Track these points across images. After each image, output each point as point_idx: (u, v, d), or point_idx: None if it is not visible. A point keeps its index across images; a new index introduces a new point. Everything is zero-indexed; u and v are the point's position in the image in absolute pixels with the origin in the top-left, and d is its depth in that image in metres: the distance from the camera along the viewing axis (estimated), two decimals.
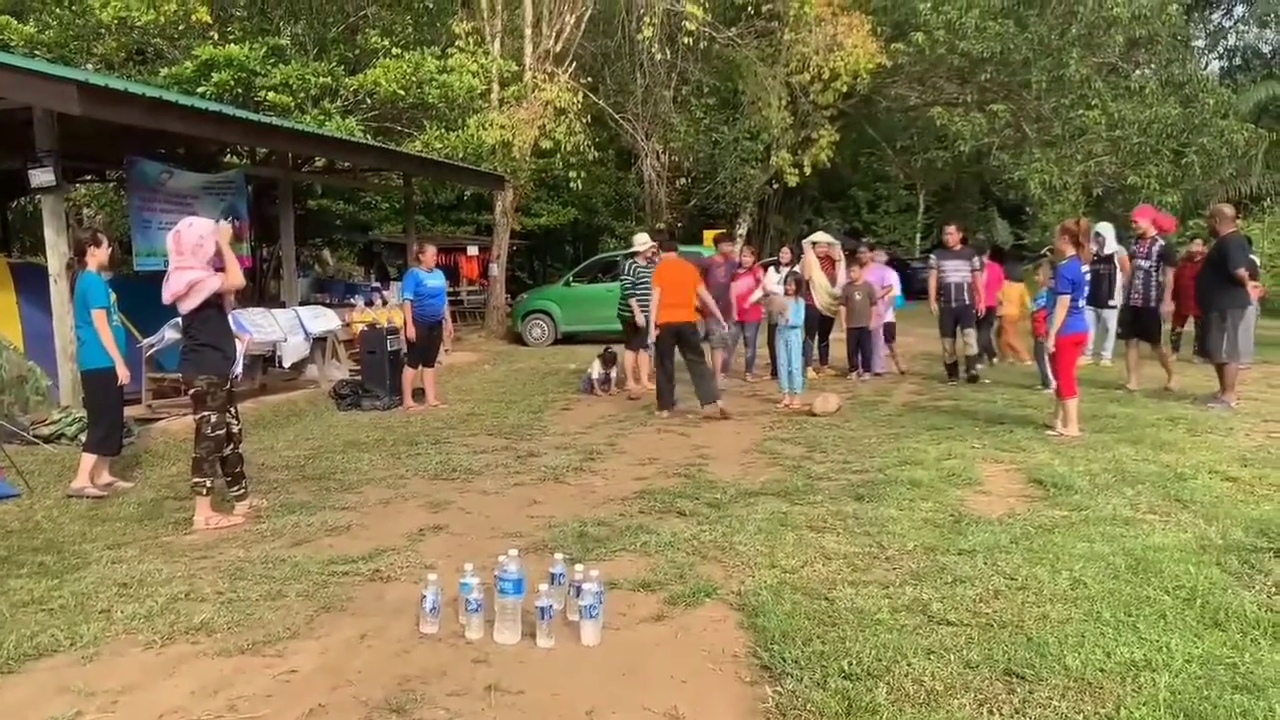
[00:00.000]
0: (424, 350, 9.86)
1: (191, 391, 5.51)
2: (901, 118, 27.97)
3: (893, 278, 12.22)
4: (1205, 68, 30.82)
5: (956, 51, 21.32)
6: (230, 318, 6.49)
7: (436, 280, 9.98)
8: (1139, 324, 9.89)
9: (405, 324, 9.78)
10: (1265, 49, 34.30)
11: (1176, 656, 3.31)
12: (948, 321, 10.65)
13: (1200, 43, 34.67)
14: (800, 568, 4.41)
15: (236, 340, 5.98)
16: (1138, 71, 24.62)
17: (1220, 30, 36.18)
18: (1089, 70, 21.32)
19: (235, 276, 5.57)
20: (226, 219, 11.59)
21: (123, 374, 6.28)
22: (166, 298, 5.42)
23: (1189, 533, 4.78)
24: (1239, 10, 35.25)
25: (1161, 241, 9.87)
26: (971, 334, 10.53)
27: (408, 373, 9.97)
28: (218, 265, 5.46)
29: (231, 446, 5.64)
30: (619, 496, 5.95)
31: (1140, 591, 3.96)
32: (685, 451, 7.40)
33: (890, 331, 11.92)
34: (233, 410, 5.71)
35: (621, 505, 5.71)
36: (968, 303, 10.48)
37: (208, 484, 5.49)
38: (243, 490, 5.70)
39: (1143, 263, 9.79)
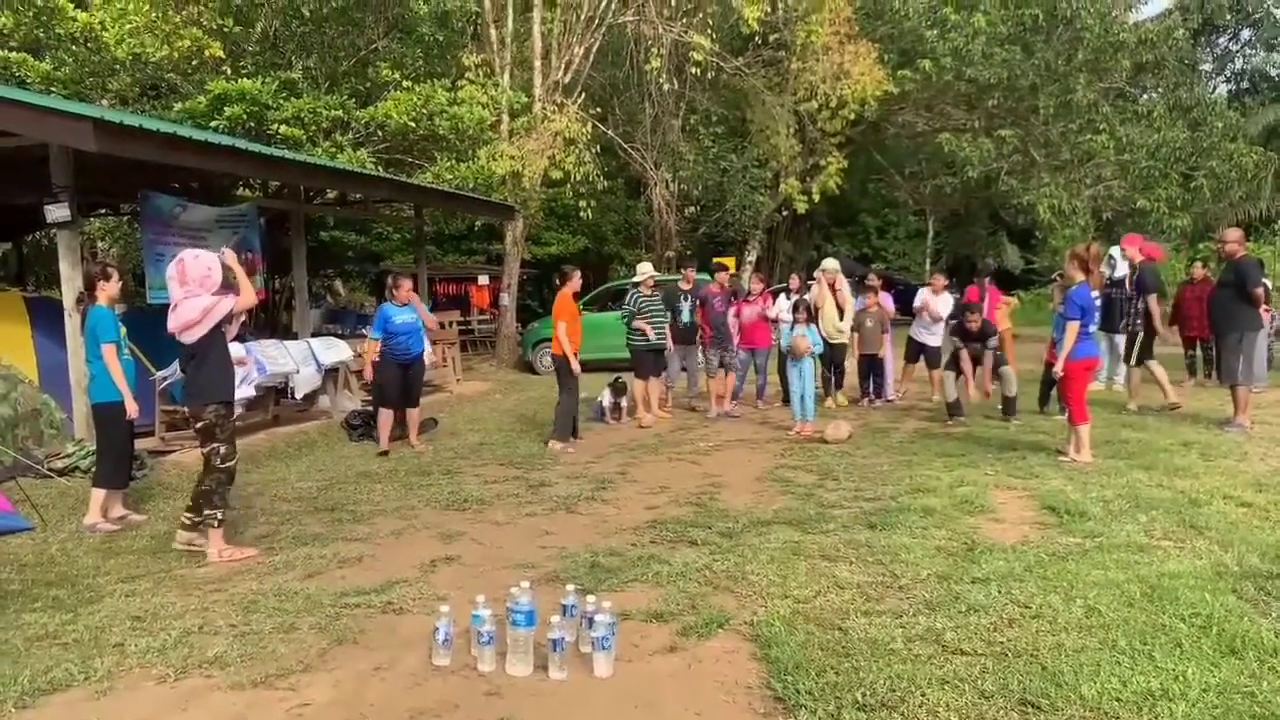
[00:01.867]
0: (395, 390, 9.15)
1: (199, 425, 5.48)
2: (909, 144, 28.07)
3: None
4: (1213, 91, 30.87)
5: (963, 78, 21.43)
6: (248, 349, 6.55)
7: (407, 316, 9.15)
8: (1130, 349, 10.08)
9: (365, 364, 9.43)
10: (1273, 72, 34.39)
11: (1193, 686, 3.29)
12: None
13: (1207, 66, 34.80)
14: (813, 597, 4.40)
15: (237, 364, 5.97)
16: (1145, 96, 24.74)
17: (1227, 54, 36.29)
18: (1096, 95, 21.40)
19: (249, 297, 5.64)
20: (242, 253, 11.75)
21: (131, 408, 6.27)
22: (174, 326, 5.40)
23: (1204, 559, 4.75)
24: (1246, 34, 35.36)
25: (1138, 270, 10.04)
26: (1007, 372, 9.90)
27: (382, 415, 9.13)
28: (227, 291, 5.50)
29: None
30: (631, 526, 5.94)
31: (1156, 619, 3.94)
32: (697, 480, 7.39)
33: (937, 357, 11.80)
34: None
35: (633, 535, 5.71)
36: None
37: (219, 515, 5.49)
38: (194, 521, 5.63)
39: (1124, 290, 9.97)
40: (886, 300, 12.04)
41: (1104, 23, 21.27)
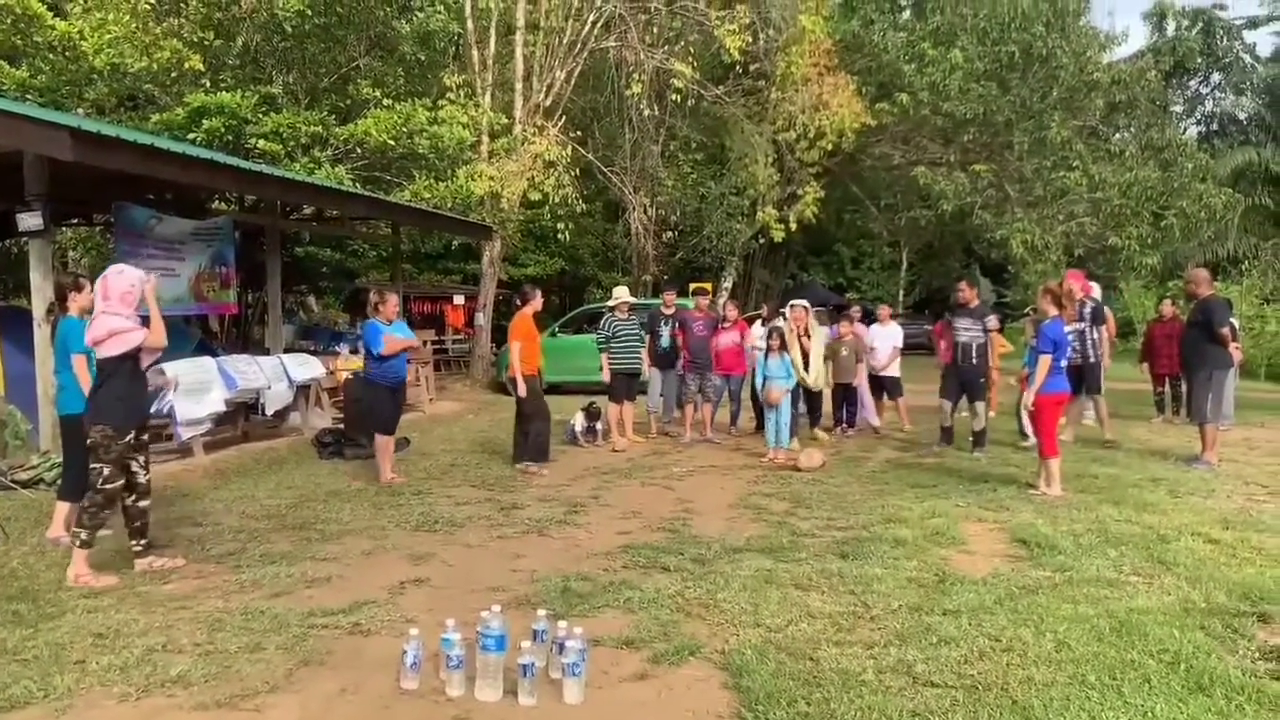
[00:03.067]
0: (390, 415, 8.50)
1: (89, 441, 5.37)
2: (885, 176, 28.37)
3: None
4: (1184, 133, 31.44)
5: (940, 112, 21.72)
6: (218, 363, 6.44)
7: (399, 334, 8.55)
8: (1084, 380, 10.08)
9: (407, 345, 8.54)
10: (1241, 116, 35.06)
11: None
12: (951, 383, 10.17)
13: (1178, 108, 35.45)
14: (785, 626, 4.39)
15: (161, 384, 5.84)
16: (1118, 135, 25.16)
17: (1198, 96, 36.98)
18: (1070, 133, 21.74)
19: (158, 336, 5.46)
20: (215, 266, 11.65)
21: None
22: (88, 340, 5.36)
23: (1172, 595, 4.78)
24: (1216, 78, 36.07)
25: (1091, 303, 10.19)
26: (980, 407, 9.89)
27: (380, 441, 8.44)
28: (143, 315, 5.43)
29: (134, 498, 5.52)
30: (603, 551, 5.91)
31: (1125, 655, 3.96)
32: (670, 505, 7.37)
33: (896, 388, 11.89)
34: (141, 460, 5.56)
35: (605, 560, 5.68)
36: (975, 362, 9.87)
37: (83, 535, 5.28)
38: (143, 546, 5.55)
39: (1077, 324, 9.86)
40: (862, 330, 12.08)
41: (1079, 62, 21.66)
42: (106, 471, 5.32)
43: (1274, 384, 20.31)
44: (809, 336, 10.35)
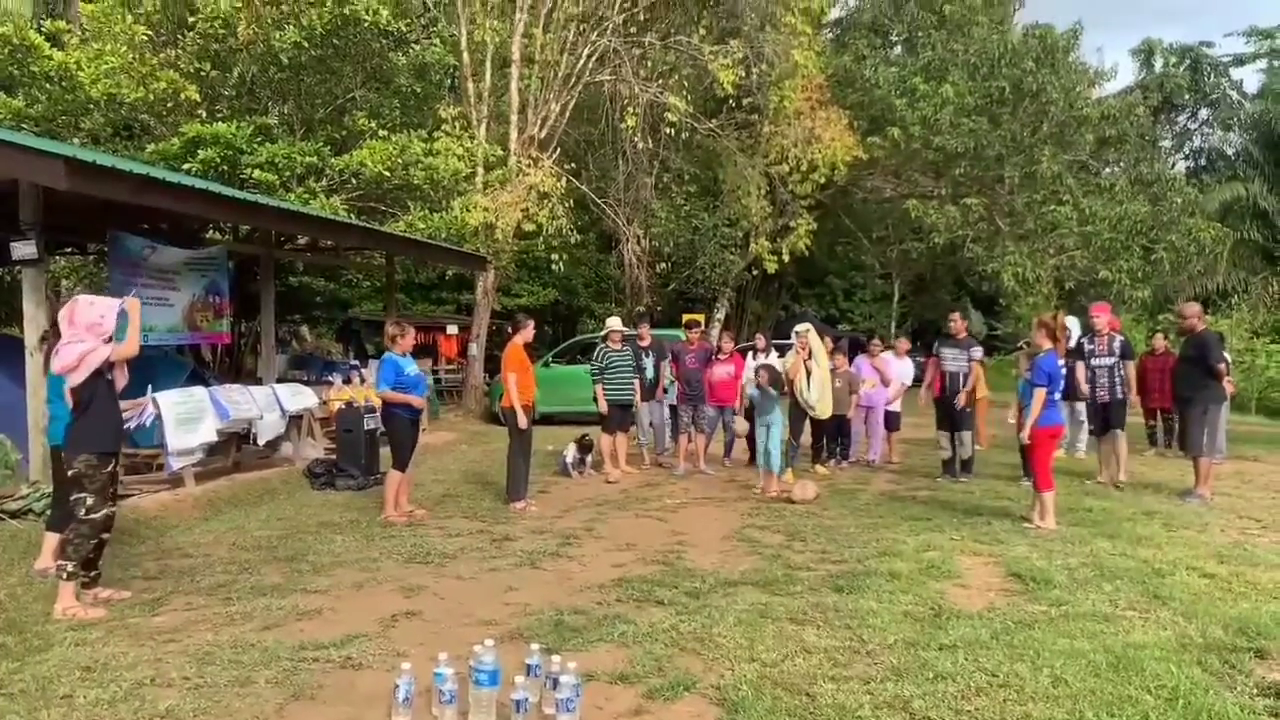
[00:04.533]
0: (410, 450, 8.33)
1: (70, 472, 5.31)
2: (877, 209, 28.54)
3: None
4: (1172, 167, 31.75)
5: (931, 146, 21.88)
6: (211, 393, 6.38)
7: (414, 368, 8.49)
8: (1109, 418, 9.96)
9: (393, 403, 8.24)
10: (1229, 151, 35.40)
11: None
12: (941, 415, 10.35)
13: (1167, 143, 35.80)
14: (781, 661, 4.36)
15: (133, 408, 5.77)
16: (1107, 169, 25.36)
17: (1186, 132, 37.37)
18: (1060, 167, 21.92)
19: (131, 346, 5.43)
20: (209, 296, 11.64)
21: None
22: (56, 368, 5.31)
23: (1169, 630, 4.77)
24: (1203, 113, 36.48)
25: (1121, 337, 10.10)
26: (967, 436, 10.20)
27: (393, 477, 8.23)
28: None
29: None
30: (596, 584, 5.88)
31: (1122, 690, 3.94)
32: (663, 538, 7.34)
33: (895, 422, 11.88)
34: (111, 491, 5.51)
35: (599, 593, 5.64)
36: (959, 392, 10.07)
37: (69, 567, 5.23)
38: (91, 577, 5.46)
39: (1106, 360, 9.95)
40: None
41: (1068, 97, 21.87)
42: (91, 501, 5.28)
43: (1265, 417, 20.39)
44: (812, 360, 10.34)
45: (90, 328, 5.29)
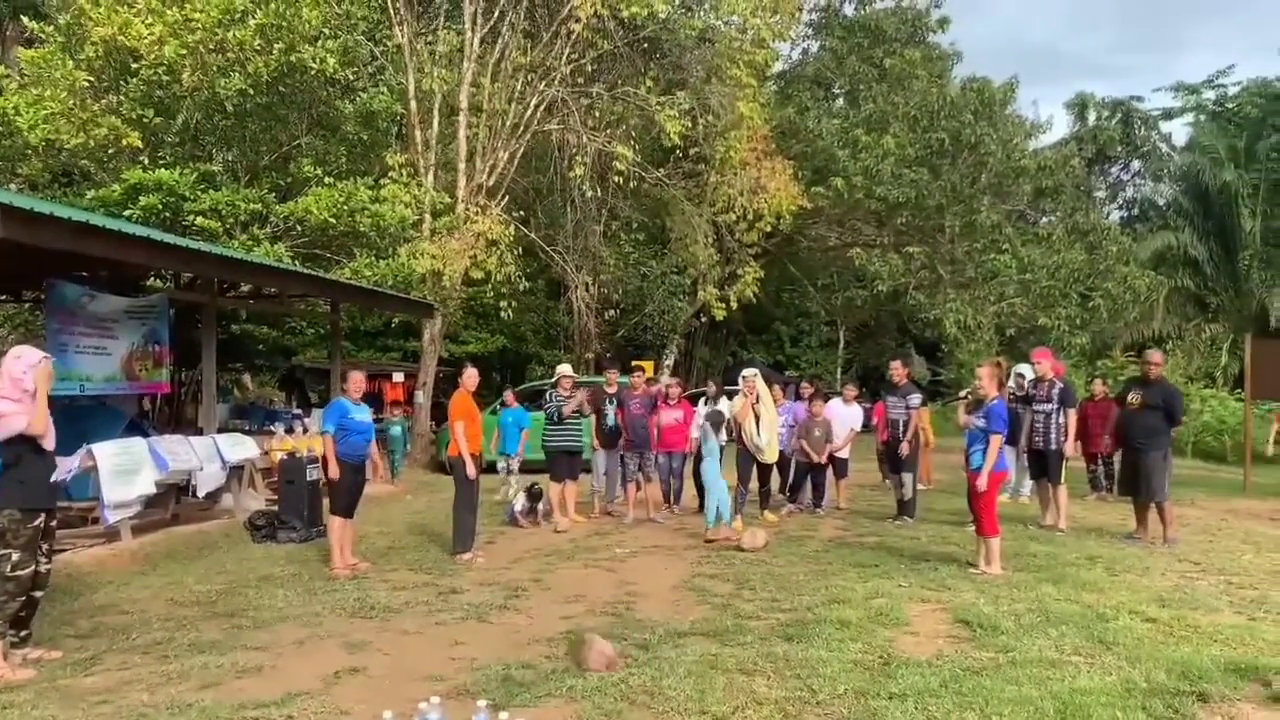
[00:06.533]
0: (351, 497, 8.27)
1: None
2: (822, 257, 28.99)
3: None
4: (1107, 217, 32.69)
5: (874, 196, 22.34)
6: (149, 444, 6.19)
7: (364, 414, 8.38)
8: (1043, 465, 10.03)
9: (328, 462, 8.06)
10: (1160, 201, 36.58)
11: None
12: (885, 459, 10.69)
13: (1101, 193, 36.97)
14: (732, 714, 4.32)
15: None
16: (1045, 219, 26.11)
17: (1119, 182, 38.64)
18: (999, 217, 22.51)
19: (39, 424, 5.22)
20: (149, 345, 11.41)
21: None
22: None
23: (1114, 675, 4.81)
24: (1135, 165, 37.72)
25: (1060, 384, 10.08)
26: (908, 479, 10.43)
27: (334, 525, 8.14)
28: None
29: (31, 587, 5.29)
30: (545, 637, 5.79)
31: None
32: (612, 588, 7.27)
33: (843, 468, 11.89)
34: (45, 548, 5.39)
35: (548, 646, 5.56)
36: (900, 437, 10.33)
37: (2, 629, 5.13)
38: (21, 637, 5.31)
39: (1044, 405, 9.93)
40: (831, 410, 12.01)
41: (1006, 149, 22.52)
42: (16, 557, 5.13)
43: (1199, 460, 20.85)
44: (760, 404, 10.42)
45: (15, 382, 5.16)
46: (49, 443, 5.36)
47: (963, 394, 10.15)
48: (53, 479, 5.55)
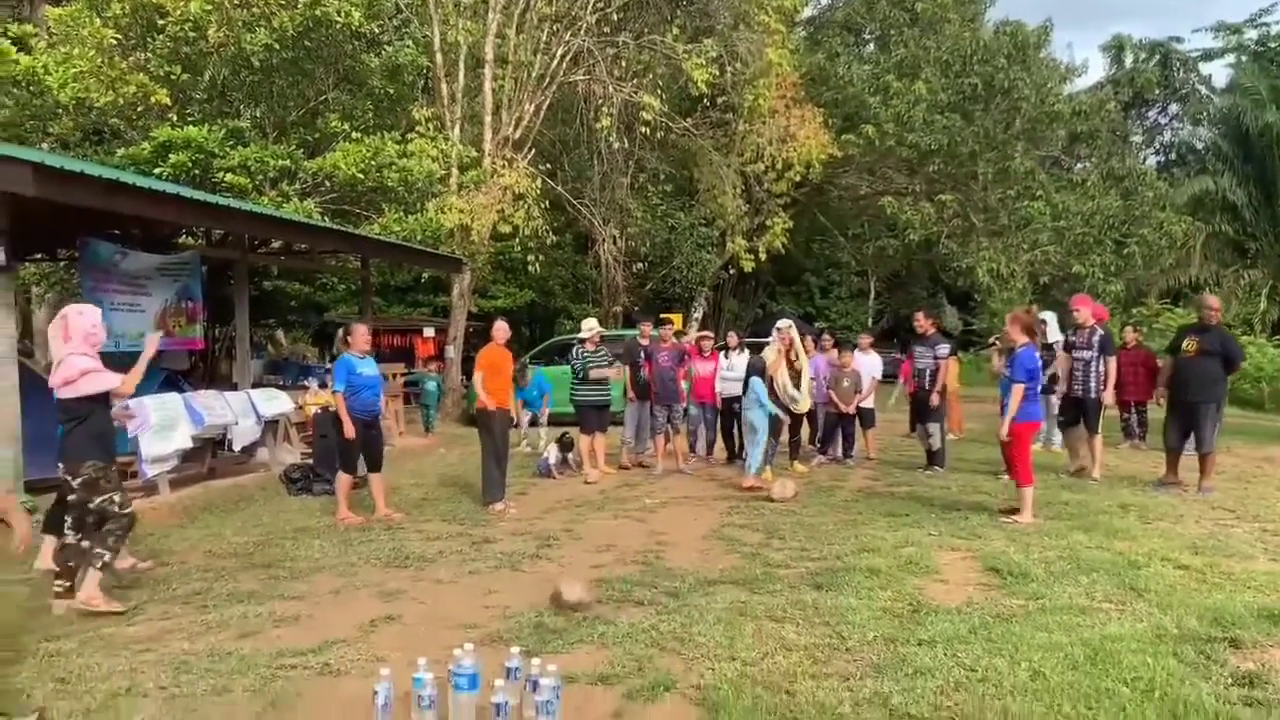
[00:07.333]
0: (360, 452, 8.26)
1: (79, 480, 5.36)
2: (853, 206, 28.64)
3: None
4: (1143, 162, 32.01)
5: (905, 143, 21.98)
6: (185, 399, 6.31)
7: (371, 368, 8.36)
8: (1081, 413, 9.91)
9: (344, 421, 8.00)
10: (1199, 145, 35.76)
11: None
12: (914, 409, 10.74)
13: (1138, 138, 36.15)
14: (760, 660, 4.36)
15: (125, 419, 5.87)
16: (1079, 165, 25.60)
17: (1156, 127, 37.74)
18: (1033, 163, 22.08)
19: (130, 382, 5.55)
20: (182, 301, 11.51)
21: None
22: (55, 382, 5.32)
23: (1144, 622, 4.81)
24: (1173, 108, 36.84)
25: (1101, 331, 9.89)
26: (935, 429, 10.42)
27: (343, 481, 8.25)
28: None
29: (80, 537, 5.44)
30: None
31: (1099, 683, 3.96)
32: (642, 538, 7.34)
33: (870, 418, 11.88)
34: None
35: None
36: (927, 388, 10.32)
37: (105, 557, 5.39)
38: (66, 588, 5.46)
39: (1084, 353, 9.79)
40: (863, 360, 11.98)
41: (1040, 93, 22.03)
42: (118, 498, 5.45)
43: (1235, 408, 20.58)
44: (797, 357, 10.42)
45: (86, 337, 5.36)
46: (116, 402, 5.66)
47: (992, 340, 10.07)
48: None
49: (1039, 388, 7.73)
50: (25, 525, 4.36)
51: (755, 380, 9.80)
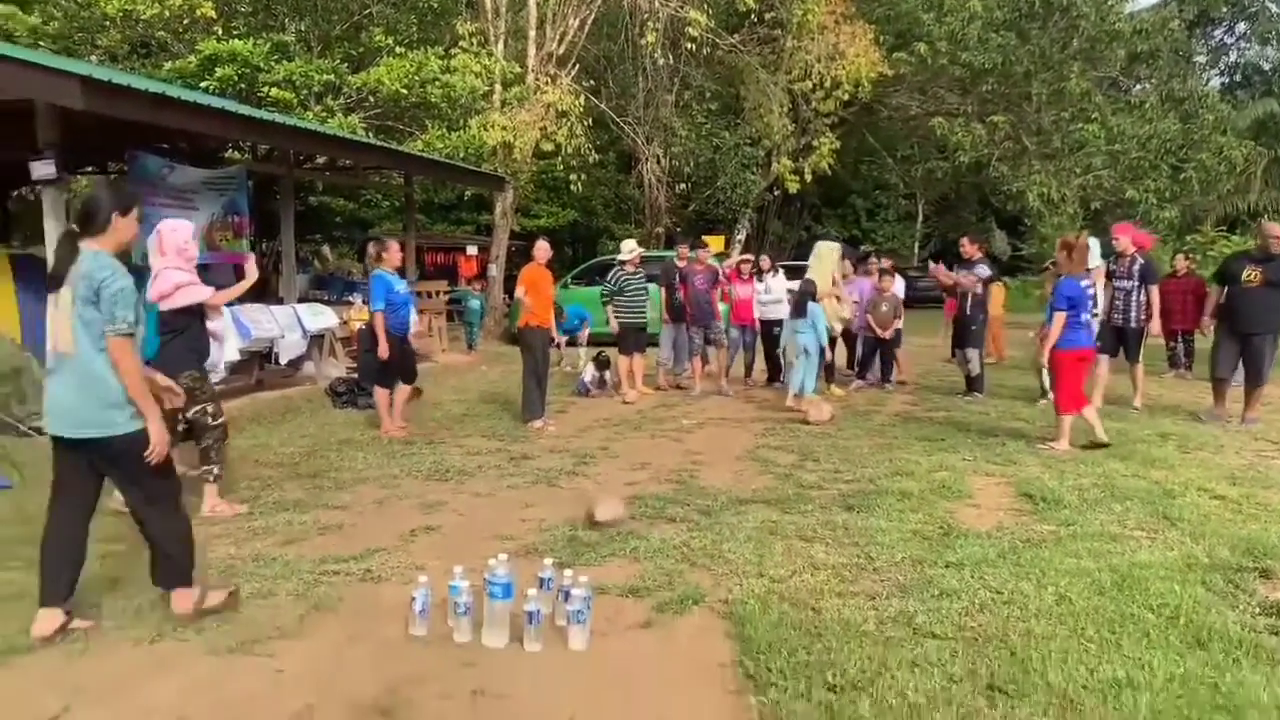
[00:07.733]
0: (397, 369, 8.28)
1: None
2: (902, 127, 28.10)
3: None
4: (1206, 84, 30.89)
5: (958, 62, 21.44)
6: (232, 313, 6.44)
7: (403, 285, 8.38)
8: (1122, 343, 9.58)
9: (380, 340, 7.94)
10: (1266, 66, 34.40)
11: (1158, 675, 3.34)
12: (955, 334, 10.77)
13: (1202, 58, 34.77)
14: (788, 577, 4.44)
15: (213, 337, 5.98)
16: (1138, 86, 24.78)
17: (1222, 46, 36.26)
18: (1089, 84, 21.44)
19: (221, 299, 5.77)
20: (228, 216, 11.63)
21: None
22: (152, 295, 5.41)
23: (1175, 550, 4.81)
24: (1241, 27, 35.34)
25: (1141, 260, 9.50)
26: (973, 354, 10.38)
27: (382, 396, 8.34)
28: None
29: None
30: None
31: (1124, 609, 3.99)
32: (678, 457, 7.42)
33: (896, 339, 11.78)
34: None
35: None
36: (969, 313, 10.30)
37: (215, 471, 5.66)
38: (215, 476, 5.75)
39: (1124, 282, 9.40)
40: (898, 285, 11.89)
41: (1100, 11, 21.30)
42: (211, 409, 5.64)
43: None
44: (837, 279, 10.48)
45: (179, 252, 5.47)
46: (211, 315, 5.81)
47: (1046, 264, 9.90)
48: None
49: (1083, 315, 7.59)
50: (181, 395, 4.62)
51: (815, 306, 9.74)
